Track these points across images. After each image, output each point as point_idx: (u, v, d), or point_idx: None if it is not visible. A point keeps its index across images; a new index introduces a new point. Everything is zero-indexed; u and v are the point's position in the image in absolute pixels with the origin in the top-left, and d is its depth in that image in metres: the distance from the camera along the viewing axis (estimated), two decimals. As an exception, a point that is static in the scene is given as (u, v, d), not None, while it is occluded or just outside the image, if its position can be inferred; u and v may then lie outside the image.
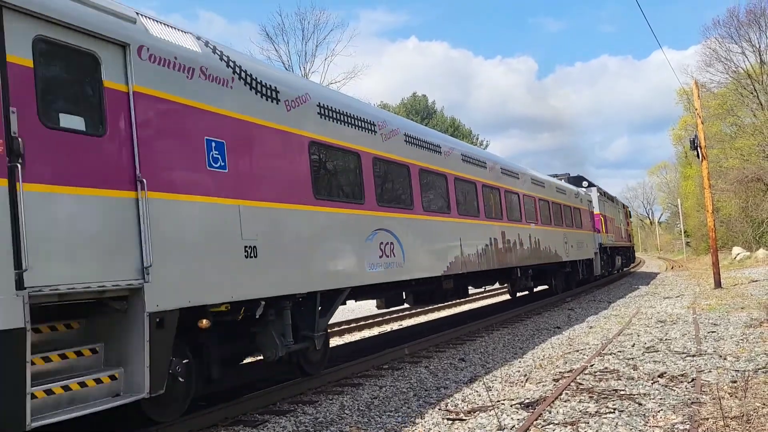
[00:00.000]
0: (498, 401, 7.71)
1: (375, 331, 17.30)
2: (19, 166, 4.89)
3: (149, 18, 6.70)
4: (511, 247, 16.40)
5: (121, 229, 5.76)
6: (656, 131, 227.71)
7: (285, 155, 8.19)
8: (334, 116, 9.41)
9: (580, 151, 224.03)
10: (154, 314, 5.86)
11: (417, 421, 7.15)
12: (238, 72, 7.58)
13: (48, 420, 5.04)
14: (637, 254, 64.06)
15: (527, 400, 7.58)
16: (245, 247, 7.16)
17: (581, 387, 8.02)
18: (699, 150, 23.48)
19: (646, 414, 6.56)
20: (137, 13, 6.47)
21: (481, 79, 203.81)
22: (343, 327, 17.81)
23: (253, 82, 7.79)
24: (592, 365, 9.46)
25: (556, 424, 6.45)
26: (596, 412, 6.78)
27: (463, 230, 13.41)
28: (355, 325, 18.06)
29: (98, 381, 5.61)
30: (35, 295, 4.97)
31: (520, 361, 10.69)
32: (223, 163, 7.03)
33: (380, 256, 10.04)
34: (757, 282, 23.21)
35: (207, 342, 7.38)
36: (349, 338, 15.91)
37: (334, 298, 9.31)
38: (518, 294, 22.90)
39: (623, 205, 44.58)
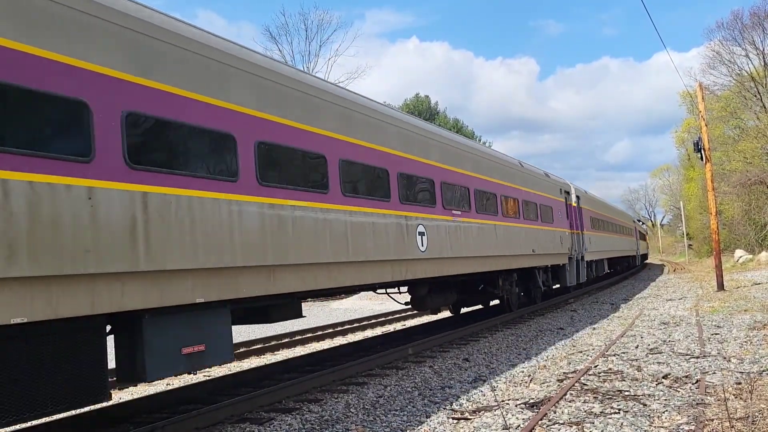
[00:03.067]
0: (503, 401, 7.74)
1: (378, 330, 17.34)
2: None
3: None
4: (617, 248, 35.71)
5: None
6: (657, 134, 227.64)
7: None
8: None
9: (580, 154, 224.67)
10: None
11: (422, 420, 7.18)
12: None
13: None
14: (640, 255, 79.57)
15: (532, 400, 7.61)
16: None
17: (585, 387, 8.05)
18: (703, 152, 23.48)
19: (651, 415, 6.59)
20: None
21: (482, 81, 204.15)
22: (346, 327, 17.86)
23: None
24: (596, 366, 9.48)
25: (561, 423, 6.47)
26: (601, 412, 6.81)
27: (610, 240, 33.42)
28: (357, 325, 18.12)
29: None
30: None
31: (524, 362, 10.72)
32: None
33: None
34: (759, 285, 23.20)
35: None
36: (352, 338, 15.95)
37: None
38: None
39: (643, 224, 78.36)
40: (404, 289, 13.00)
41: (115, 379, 6.61)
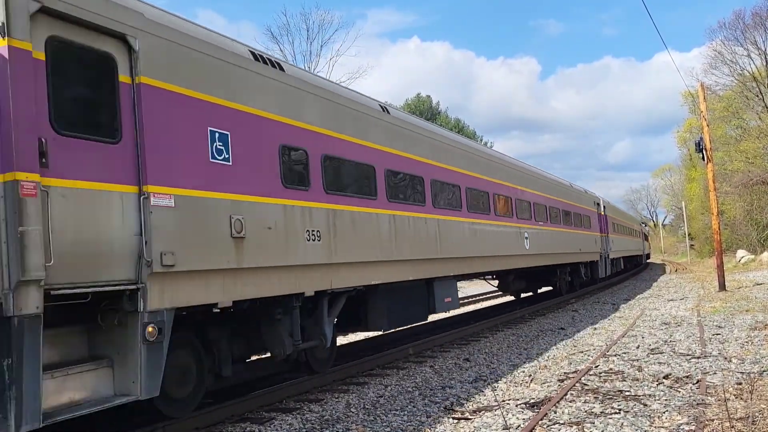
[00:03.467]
0: (503, 401, 7.74)
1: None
2: None
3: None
4: (630, 248, 40.97)
5: None
6: (658, 134, 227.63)
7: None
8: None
9: (581, 154, 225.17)
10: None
11: (423, 419, 7.18)
12: None
13: None
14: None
15: (532, 400, 7.61)
16: None
17: (586, 387, 8.05)
18: (704, 153, 23.45)
19: (652, 415, 6.59)
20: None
21: (482, 81, 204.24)
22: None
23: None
24: (596, 366, 9.48)
25: (562, 423, 6.48)
26: (601, 412, 6.81)
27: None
28: (359, 324, 18.10)
29: None
30: None
31: (524, 362, 10.71)
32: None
33: None
34: (761, 285, 23.17)
35: None
36: (353, 337, 15.94)
37: None
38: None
39: (646, 225, 79.90)
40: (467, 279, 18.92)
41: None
